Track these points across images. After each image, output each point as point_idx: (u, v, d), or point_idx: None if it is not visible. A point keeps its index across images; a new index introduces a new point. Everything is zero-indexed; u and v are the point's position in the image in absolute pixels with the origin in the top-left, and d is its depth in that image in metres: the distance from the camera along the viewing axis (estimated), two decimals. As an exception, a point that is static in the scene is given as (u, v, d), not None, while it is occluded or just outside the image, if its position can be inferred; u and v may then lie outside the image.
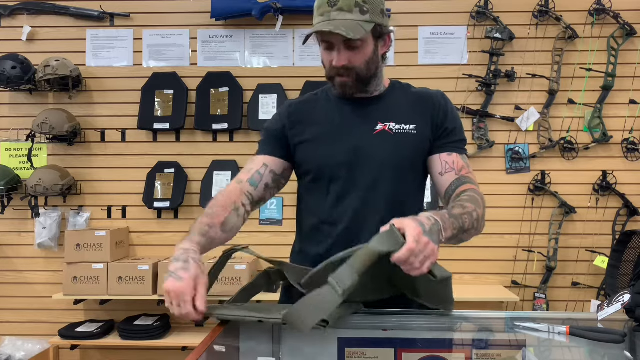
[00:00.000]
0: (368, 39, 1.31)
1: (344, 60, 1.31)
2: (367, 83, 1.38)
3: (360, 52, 1.31)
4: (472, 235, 1.26)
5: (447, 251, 3.20)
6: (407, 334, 1.24)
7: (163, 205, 3.24)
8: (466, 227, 1.21)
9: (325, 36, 1.30)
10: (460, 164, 1.40)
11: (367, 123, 1.38)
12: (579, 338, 1.12)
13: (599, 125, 3.18)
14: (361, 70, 1.33)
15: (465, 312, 1.32)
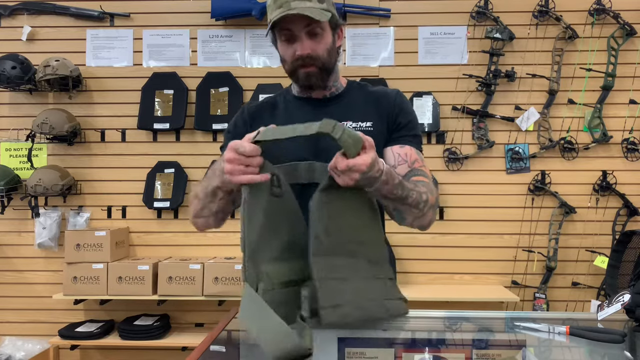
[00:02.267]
0: (327, 28, 1.35)
1: (308, 48, 1.32)
2: (329, 74, 1.39)
3: (322, 41, 1.33)
4: (414, 216, 1.25)
5: (447, 251, 3.21)
6: (407, 334, 1.24)
7: (163, 205, 3.24)
8: (409, 201, 1.21)
9: (288, 24, 1.30)
10: (414, 156, 1.37)
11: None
12: (579, 338, 1.12)
13: (599, 125, 3.18)
14: (325, 59, 1.35)
15: (465, 312, 1.32)
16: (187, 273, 2.99)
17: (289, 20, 1.28)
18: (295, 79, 1.39)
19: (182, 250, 3.28)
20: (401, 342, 1.22)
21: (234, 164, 1.11)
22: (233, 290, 2.97)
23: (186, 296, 3.00)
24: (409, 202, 1.21)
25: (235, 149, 1.11)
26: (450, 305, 2.93)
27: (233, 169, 1.11)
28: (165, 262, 3.06)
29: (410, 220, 1.27)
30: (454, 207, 3.22)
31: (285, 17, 1.27)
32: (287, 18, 1.28)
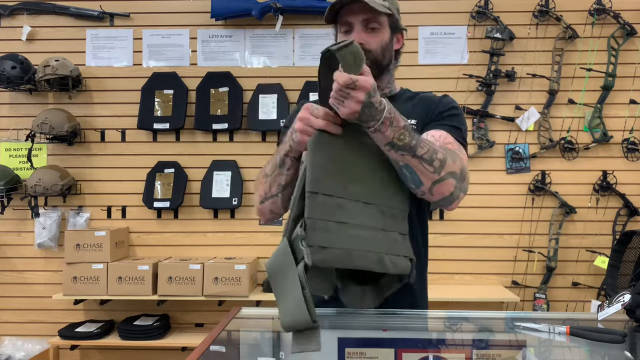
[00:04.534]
0: (385, 26, 1.37)
1: (362, 39, 1.33)
2: (381, 71, 1.39)
3: (378, 36, 1.36)
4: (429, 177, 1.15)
5: (447, 251, 3.21)
6: (407, 334, 1.24)
7: (163, 205, 3.24)
8: (419, 153, 1.13)
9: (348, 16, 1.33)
10: (448, 139, 1.30)
11: None
12: (579, 338, 1.12)
13: (599, 125, 3.18)
14: (377, 54, 1.36)
15: (465, 312, 1.32)
16: (187, 273, 2.99)
17: (349, 13, 1.33)
18: None
19: (182, 250, 3.28)
20: (401, 342, 1.22)
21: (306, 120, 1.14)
22: (233, 290, 2.97)
23: (186, 296, 3.00)
24: (418, 154, 1.13)
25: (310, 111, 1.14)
26: (450, 305, 2.93)
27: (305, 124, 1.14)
28: (165, 262, 3.06)
29: (426, 183, 1.15)
30: (454, 207, 3.21)
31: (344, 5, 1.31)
32: (346, 9, 1.32)
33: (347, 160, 1.14)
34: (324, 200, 1.10)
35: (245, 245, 3.22)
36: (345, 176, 1.13)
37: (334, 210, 1.10)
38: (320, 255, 1.06)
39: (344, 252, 1.09)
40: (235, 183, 3.21)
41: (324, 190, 1.10)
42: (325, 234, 1.08)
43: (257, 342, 1.23)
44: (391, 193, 1.17)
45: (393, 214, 1.17)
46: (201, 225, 3.29)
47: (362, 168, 1.15)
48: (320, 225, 1.08)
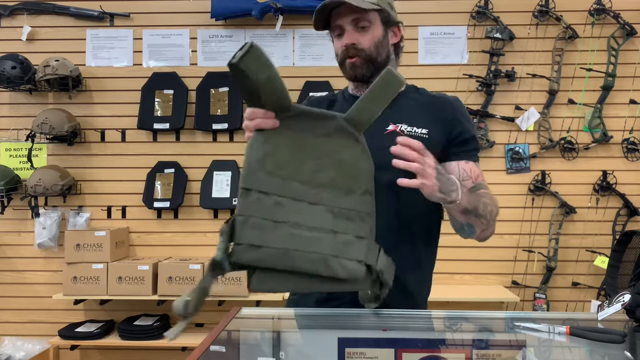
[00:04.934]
0: (376, 22, 1.36)
1: (353, 39, 1.35)
2: (378, 68, 1.36)
3: (369, 33, 1.36)
4: (482, 227, 1.29)
5: (447, 251, 3.21)
6: (407, 334, 1.24)
7: (163, 205, 3.24)
8: (480, 212, 1.24)
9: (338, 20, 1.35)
10: (477, 172, 1.39)
11: (378, 122, 1.38)
12: (579, 338, 1.12)
13: (599, 125, 3.18)
14: (370, 52, 1.36)
15: (465, 312, 1.31)
16: (187, 273, 2.99)
17: (337, 16, 1.35)
18: (344, 71, 1.41)
19: (182, 250, 3.28)
20: (401, 342, 1.22)
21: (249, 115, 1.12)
22: (233, 290, 2.98)
23: (186, 296, 2.99)
24: (479, 213, 1.24)
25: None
26: (450, 305, 2.93)
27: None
28: (165, 262, 3.06)
29: (478, 232, 1.30)
30: (454, 207, 3.21)
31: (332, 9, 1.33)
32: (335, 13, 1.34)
33: (291, 158, 1.09)
34: (259, 197, 1.06)
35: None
36: (287, 174, 1.08)
37: (271, 208, 1.06)
38: (252, 254, 1.03)
39: (281, 251, 1.04)
40: (235, 183, 3.21)
41: (259, 187, 1.06)
42: (259, 231, 1.04)
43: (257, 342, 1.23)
44: (344, 194, 1.11)
45: (347, 215, 1.11)
46: (201, 225, 3.29)
47: (308, 167, 1.10)
48: (252, 223, 1.04)
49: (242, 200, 1.06)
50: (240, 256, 1.03)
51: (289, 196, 1.08)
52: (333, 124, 1.11)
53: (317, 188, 1.10)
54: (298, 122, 1.10)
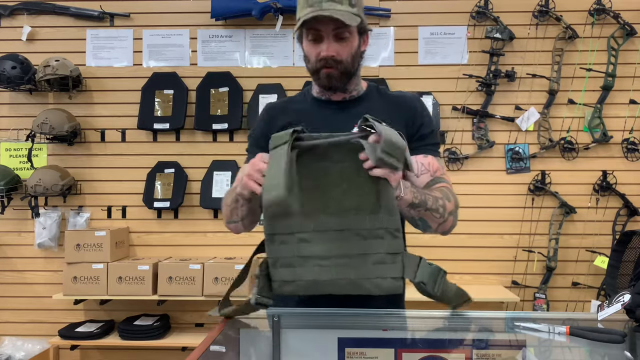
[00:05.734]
0: (354, 33, 1.36)
1: (333, 50, 1.33)
2: (350, 78, 1.40)
3: (348, 45, 1.35)
4: (437, 222, 1.29)
5: (447, 251, 3.21)
6: (407, 334, 1.24)
7: (163, 205, 3.24)
8: (429, 206, 1.24)
9: (318, 25, 1.31)
10: (436, 165, 1.40)
11: (344, 123, 1.38)
12: (579, 338, 1.12)
13: (599, 125, 3.18)
14: (348, 63, 1.36)
15: (465, 312, 1.31)
16: (187, 273, 2.99)
17: (319, 21, 1.30)
18: (317, 79, 1.40)
19: (182, 250, 3.28)
20: (401, 342, 1.22)
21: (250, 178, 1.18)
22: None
23: (186, 296, 3.00)
24: (429, 207, 1.24)
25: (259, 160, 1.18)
26: (450, 305, 2.93)
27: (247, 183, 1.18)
28: (165, 262, 3.06)
29: (434, 226, 1.30)
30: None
31: (316, 17, 1.28)
32: (317, 18, 1.28)
33: (311, 193, 1.14)
34: (284, 239, 1.16)
35: (245, 245, 3.21)
36: (309, 209, 1.14)
37: (297, 246, 1.15)
38: (286, 288, 1.16)
39: (310, 282, 1.15)
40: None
41: (282, 230, 1.15)
42: (288, 269, 1.16)
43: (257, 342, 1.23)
44: (369, 214, 1.15)
45: (377, 234, 1.15)
46: (201, 225, 3.29)
47: (330, 196, 1.14)
48: (281, 263, 1.16)
49: (268, 244, 1.17)
50: (277, 291, 1.18)
51: (314, 230, 1.15)
52: (346, 147, 1.13)
53: (342, 215, 1.15)
54: (311, 156, 1.14)
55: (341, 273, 1.14)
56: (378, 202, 1.14)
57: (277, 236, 1.16)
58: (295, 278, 1.15)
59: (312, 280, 1.15)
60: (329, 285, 1.15)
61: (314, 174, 1.14)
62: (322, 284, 1.15)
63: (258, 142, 1.45)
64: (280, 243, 1.16)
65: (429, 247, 3.20)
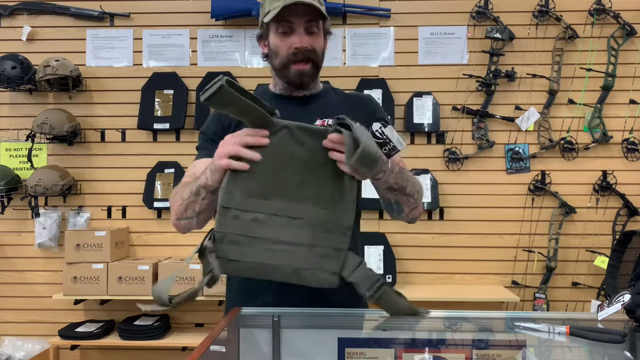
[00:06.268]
0: (321, 29, 1.37)
1: (307, 42, 1.33)
2: (316, 75, 1.41)
3: (318, 40, 1.36)
4: (411, 206, 1.32)
5: (447, 251, 3.21)
6: (407, 334, 1.24)
7: (163, 205, 3.24)
8: (408, 191, 1.27)
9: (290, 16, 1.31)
10: (397, 158, 1.39)
11: (306, 119, 1.39)
12: (579, 338, 1.12)
13: (599, 125, 3.18)
14: (319, 58, 1.38)
15: (465, 312, 1.31)
16: (187, 273, 2.99)
17: (291, 13, 1.30)
18: (285, 74, 1.38)
19: (182, 250, 3.27)
20: (401, 342, 1.22)
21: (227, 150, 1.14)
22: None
23: (186, 296, 2.99)
24: (408, 192, 1.26)
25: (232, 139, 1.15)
26: (450, 305, 2.93)
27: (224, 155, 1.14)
28: (165, 262, 3.06)
29: (407, 211, 1.33)
30: (454, 207, 3.22)
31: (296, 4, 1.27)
32: (289, 9, 1.28)
33: (273, 175, 1.13)
34: (237, 214, 1.13)
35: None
36: (267, 191, 1.13)
37: (248, 224, 1.13)
38: (230, 267, 1.14)
39: (255, 265, 1.14)
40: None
41: (237, 205, 1.13)
42: (235, 247, 1.13)
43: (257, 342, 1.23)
44: (325, 207, 1.15)
45: (327, 228, 1.15)
46: (201, 225, 3.29)
47: (291, 182, 1.14)
48: (229, 239, 1.13)
49: (220, 217, 1.13)
50: (221, 268, 1.13)
51: (269, 212, 1.14)
52: (319, 138, 1.13)
53: (299, 202, 1.15)
54: (283, 138, 1.13)
55: (287, 260, 1.13)
56: (338, 196, 1.15)
57: (231, 210, 1.13)
58: (239, 257, 1.13)
59: (258, 263, 1.13)
60: (273, 271, 1.14)
61: (282, 156, 1.13)
62: (266, 269, 1.14)
63: (211, 138, 1.42)
64: (232, 218, 1.13)
65: (429, 247, 3.20)
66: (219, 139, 1.36)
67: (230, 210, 1.13)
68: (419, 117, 3.20)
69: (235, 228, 1.13)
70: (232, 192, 1.13)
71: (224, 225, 1.13)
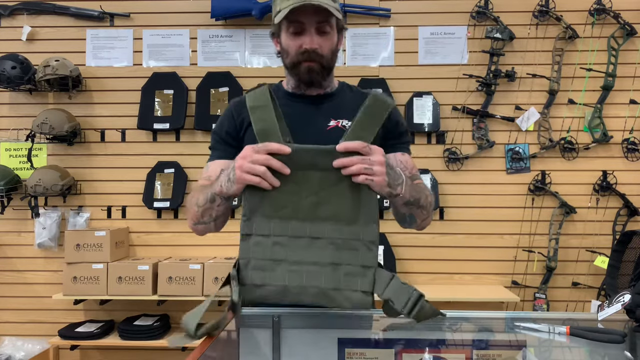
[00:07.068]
0: (334, 28, 1.37)
1: (316, 43, 1.33)
2: (328, 73, 1.40)
3: (329, 39, 1.35)
4: (422, 217, 1.32)
5: (447, 251, 3.21)
6: (407, 334, 1.24)
7: (163, 205, 3.24)
8: (421, 203, 1.28)
9: (301, 16, 1.30)
10: (411, 163, 1.43)
11: (320, 119, 1.39)
12: (579, 338, 1.12)
13: (599, 125, 3.18)
14: (328, 58, 1.37)
15: (465, 312, 1.31)
16: (187, 273, 2.99)
17: (302, 13, 1.29)
18: (295, 73, 1.38)
19: (182, 250, 3.28)
20: (401, 342, 1.22)
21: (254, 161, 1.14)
22: (233, 290, 2.97)
23: (186, 296, 3.00)
24: (421, 204, 1.27)
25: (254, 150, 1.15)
26: (450, 305, 2.92)
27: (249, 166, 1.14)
28: (165, 262, 3.06)
29: (419, 222, 1.33)
30: (454, 207, 3.22)
31: (304, 6, 1.27)
32: (300, 10, 1.27)
33: (290, 197, 1.14)
34: (258, 240, 1.15)
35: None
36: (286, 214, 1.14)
37: (270, 248, 1.15)
38: (256, 293, 1.15)
39: (280, 288, 1.14)
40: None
41: (258, 231, 1.15)
42: (260, 272, 1.15)
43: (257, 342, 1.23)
44: (346, 224, 1.14)
45: (351, 245, 1.14)
46: (201, 225, 3.28)
47: (308, 203, 1.14)
48: (253, 265, 1.15)
49: (242, 244, 1.16)
50: (247, 295, 1.15)
51: (289, 234, 1.15)
52: (330, 156, 1.13)
53: (318, 222, 1.15)
54: (294, 160, 1.13)
55: (310, 280, 1.13)
56: (357, 212, 1.14)
57: (252, 237, 1.15)
58: (265, 282, 1.15)
59: (282, 285, 1.14)
60: (299, 292, 1.14)
61: (296, 179, 1.13)
62: (293, 291, 1.14)
63: (224, 139, 1.43)
64: (254, 244, 1.15)
65: (429, 247, 3.20)
66: (231, 139, 1.40)
67: (252, 237, 1.15)
68: (419, 117, 3.20)
69: (258, 253, 1.15)
70: (250, 218, 1.15)
71: (247, 252, 1.16)
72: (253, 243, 1.15)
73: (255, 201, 1.15)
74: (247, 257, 1.15)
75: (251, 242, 1.15)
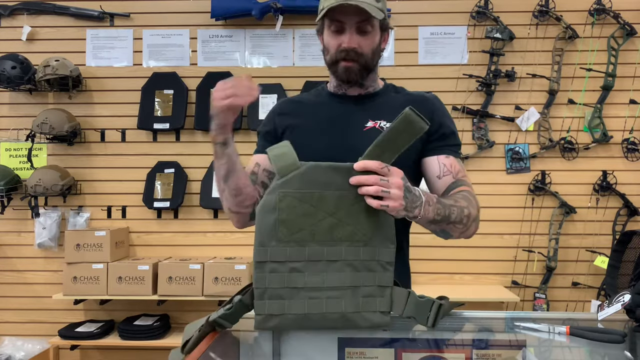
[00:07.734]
0: (376, 28, 1.35)
1: (355, 42, 1.31)
2: (368, 73, 1.38)
3: (370, 39, 1.33)
4: (460, 231, 1.26)
5: (447, 251, 3.21)
6: (407, 334, 1.24)
7: (163, 205, 3.24)
8: (452, 219, 1.21)
9: (341, 16, 1.29)
10: (457, 167, 1.36)
11: (357, 119, 1.38)
12: (579, 338, 1.12)
13: (599, 125, 3.18)
14: (368, 58, 1.35)
15: (465, 312, 1.31)
16: (187, 273, 2.99)
17: (342, 12, 1.28)
18: (334, 71, 1.37)
19: (182, 250, 3.28)
20: (401, 342, 1.22)
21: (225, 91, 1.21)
22: (233, 290, 2.95)
23: (186, 296, 3.00)
24: (453, 220, 1.21)
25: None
26: (450, 305, 2.93)
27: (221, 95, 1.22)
28: (165, 262, 3.06)
29: (456, 235, 1.28)
30: (454, 207, 3.21)
31: (342, 6, 1.26)
32: (340, 9, 1.27)
33: (304, 219, 1.09)
34: (274, 267, 1.09)
35: (245, 245, 3.21)
36: (301, 237, 1.09)
37: (287, 276, 1.09)
38: (273, 322, 1.09)
39: (300, 316, 1.09)
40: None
41: (273, 257, 1.09)
42: (277, 301, 1.09)
43: (257, 342, 1.23)
44: (363, 245, 1.11)
45: (369, 267, 1.12)
46: (201, 225, 3.29)
47: (324, 225, 1.10)
48: (269, 294, 1.09)
49: (257, 272, 1.09)
50: (262, 325, 1.09)
51: (306, 259, 1.10)
52: (347, 175, 1.09)
53: (335, 245, 1.11)
54: (309, 179, 1.10)
55: (332, 307, 1.10)
56: (374, 232, 1.11)
57: (267, 264, 1.09)
58: (283, 311, 1.09)
59: (302, 314, 1.09)
60: (319, 320, 1.10)
61: (311, 199, 1.09)
62: (312, 319, 1.09)
63: (264, 136, 1.46)
64: (270, 271, 1.09)
65: (429, 247, 3.20)
66: (271, 137, 1.42)
67: (267, 264, 1.09)
68: (419, 117, 3.19)
69: (275, 282, 1.09)
70: (264, 244, 1.09)
71: (262, 281, 1.09)
72: (268, 270, 1.09)
73: (268, 226, 1.09)
74: (263, 287, 1.09)
75: (267, 269, 1.09)
